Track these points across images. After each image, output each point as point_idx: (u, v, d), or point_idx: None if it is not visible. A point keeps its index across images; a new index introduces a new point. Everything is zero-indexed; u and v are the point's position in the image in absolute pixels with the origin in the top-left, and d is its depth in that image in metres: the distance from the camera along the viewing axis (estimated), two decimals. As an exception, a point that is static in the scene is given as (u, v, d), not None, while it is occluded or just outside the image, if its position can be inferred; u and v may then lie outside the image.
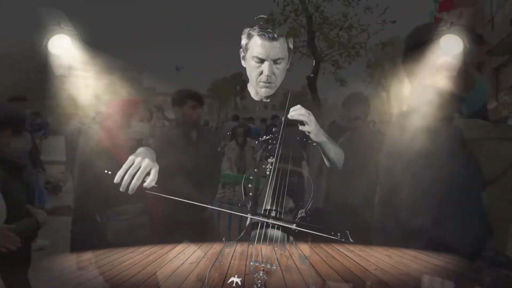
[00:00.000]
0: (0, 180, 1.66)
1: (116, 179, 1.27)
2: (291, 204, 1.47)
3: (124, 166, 1.28)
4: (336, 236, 1.28)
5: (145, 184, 1.28)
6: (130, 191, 1.26)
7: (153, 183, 1.30)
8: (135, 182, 1.26)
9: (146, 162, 1.30)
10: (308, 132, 1.45)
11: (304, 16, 10.33)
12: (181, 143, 2.03)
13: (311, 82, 10.14)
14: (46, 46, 1.46)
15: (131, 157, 1.31)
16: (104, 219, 1.74)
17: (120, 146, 1.80)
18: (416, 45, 1.54)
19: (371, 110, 2.67)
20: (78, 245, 1.83)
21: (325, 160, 1.65)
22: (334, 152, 1.60)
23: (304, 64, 10.77)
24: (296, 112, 1.44)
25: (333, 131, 2.62)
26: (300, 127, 1.45)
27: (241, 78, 36.21)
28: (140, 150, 1.41)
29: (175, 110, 2.18)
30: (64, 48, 1.49)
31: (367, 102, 2.66)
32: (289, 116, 1.45)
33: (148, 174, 1.30)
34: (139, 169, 1.28)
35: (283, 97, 1.63)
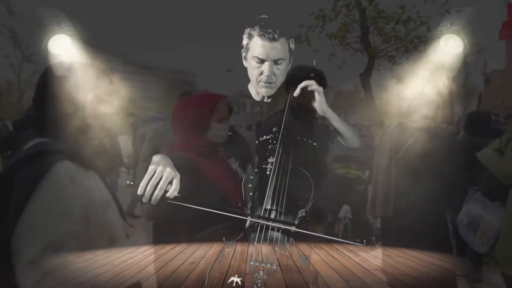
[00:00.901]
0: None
1: (140, 190, 1.23)
2: (348, 214, 1.43)
3: (146, 177, 1.25)
4: (362, 243, 1.28)
5: (167, 194, 1.25)
6: (152, 202, 1.23)
7: (175, 193, 1.26)
8: (157, 193, 1.23)
9: (168, 172, 1.27)
10: (319, 98, 1.48)
11: (356, 11, 9.34)
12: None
13: (365, 80, 9.24)
14: (46, 46, 1.46)
15: (152, 167, 1.27)
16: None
17: (203, 154, 1.58)
18: None
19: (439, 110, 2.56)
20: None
21: (339, 138, 1.64)
22: (347, 128, 1.58)
23: (358, 61, 9.72)
24: (304, 82, 1.49)
25: (400, 132, 2.53)
26: (309, 88, 1.48)
27: (296, 77, 35.61)
28: (158, 158, 1.35)
29: (291, 89, 1.66)
30: (64, 48, 1.49)
31: (436, 101, 2.53)
32: (296, 91, 1.49)
33: (170, 183, 1.27)
34: (161, 179, 1.25)
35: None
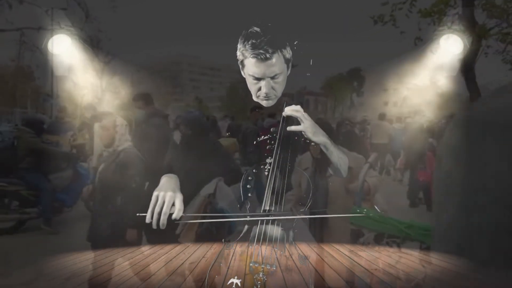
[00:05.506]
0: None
1: (148, 219, 1.30)
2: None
3: (150, 206, 1.31)
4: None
5: (173, 216, 1.31)
6: (161, 227, 1.29)
7: (181, 213, 1.33)
8: (163, 218, 1.29)
9: (168, 195, 1.33)
10: (304, 132, 1.42)
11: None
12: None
13: (467, 67, 6.80)
14: (46, 46, 1.46)
15: (154, 194, 1.34)
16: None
17: None
18: None
19: None
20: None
21: (329, 167, 1.58)
22: (337, 156, 1.52)
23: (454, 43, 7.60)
24: (290, 108, 1.45)
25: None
26: (294, 127, 1.43)
27: (359, 74, 32.40)
28: (163, 182, 1.42)
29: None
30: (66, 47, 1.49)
31: None
32: (283, 113, 1.48)
33: (173, 205, 1.33)
34: (164, 204, 1.31)
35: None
